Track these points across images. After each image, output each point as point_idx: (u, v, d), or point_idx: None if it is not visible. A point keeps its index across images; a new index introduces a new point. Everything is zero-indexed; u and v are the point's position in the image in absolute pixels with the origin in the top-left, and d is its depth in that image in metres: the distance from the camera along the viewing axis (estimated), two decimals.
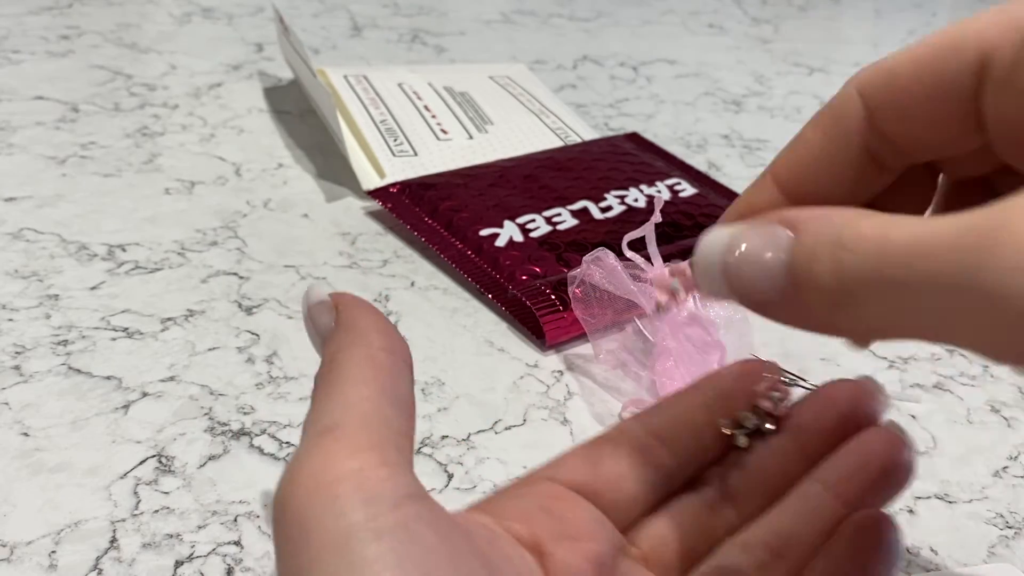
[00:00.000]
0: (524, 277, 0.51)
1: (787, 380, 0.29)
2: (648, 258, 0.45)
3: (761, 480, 0.28)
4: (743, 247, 0.21)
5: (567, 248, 0.53)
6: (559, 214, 0.56)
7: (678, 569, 0.27)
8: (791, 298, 0.21)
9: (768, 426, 0.28)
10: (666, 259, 0.45)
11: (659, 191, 0.60)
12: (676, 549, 0.27)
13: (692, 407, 0.29)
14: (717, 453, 0.29)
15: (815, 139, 0.24)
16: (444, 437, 0.41)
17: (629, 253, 0.45)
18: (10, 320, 0.46)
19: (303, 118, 0.71)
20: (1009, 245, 0.16)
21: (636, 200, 0.58)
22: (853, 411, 0.28)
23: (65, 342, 0.45)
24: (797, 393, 0.30)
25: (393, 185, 0.59)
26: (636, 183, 0.60)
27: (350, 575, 0.19)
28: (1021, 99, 0.21)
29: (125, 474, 0.38)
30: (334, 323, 0.26)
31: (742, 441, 0.28)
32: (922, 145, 0.23)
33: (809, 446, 0.28)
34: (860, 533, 0.26)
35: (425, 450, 0.40)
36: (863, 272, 0.19)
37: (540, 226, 0.55)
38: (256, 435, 0.40)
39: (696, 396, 0.29)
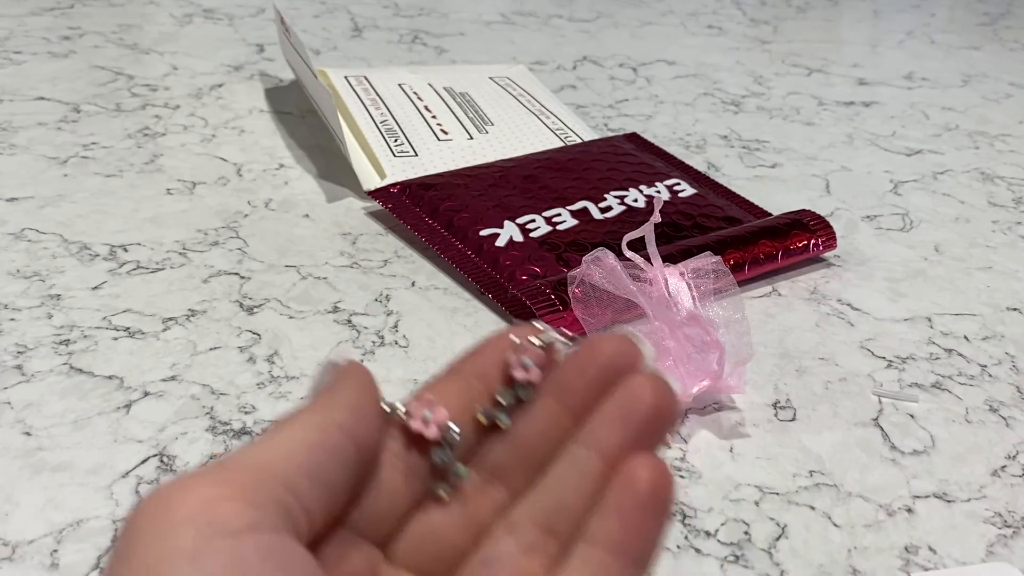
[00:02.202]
0: (524, 277, 0.51)
1: (542, 343, 0.27)
2: (648, 258, 0.45)
3: (526, 451, 0.27)
4: None
5: (567, 248, 0.53)
6: (559, 214, 0.56)
7: (443, 566, 0.26)
8: None
9: (526, 395, 0.27)
10: (665, 259, 0.45)
11: (658, 191, 0.60)
12: (440, 545, 0.26)
13: (450, 397, 0.27)
14: (485, 434, 0.28)
15: None
16: None
17: (629, 253, 0.45)
18: (12, 320, 0.47)
19: (304, 119, 0.71)
20: None
21: (636, 200, 0.59)
22: (613, 363, 0.27)
23: (67, 342, 0.45)
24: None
25: (394, 185, 0.59)
26: (636, 183, 0.61)
27: None
28: None
29: (127, 473, 0.38)
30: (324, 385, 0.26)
31: (505, 421, 0.27)
32: None
33: (574, 405, 0.27)
34: (627, 486, 0.25)
35: None
36: None
37: (540, 226, 0.55)
38: (257, 434, 0.40)
39: (453, 384, 0.28)
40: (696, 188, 0.61)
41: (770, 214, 0.60)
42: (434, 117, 0.68)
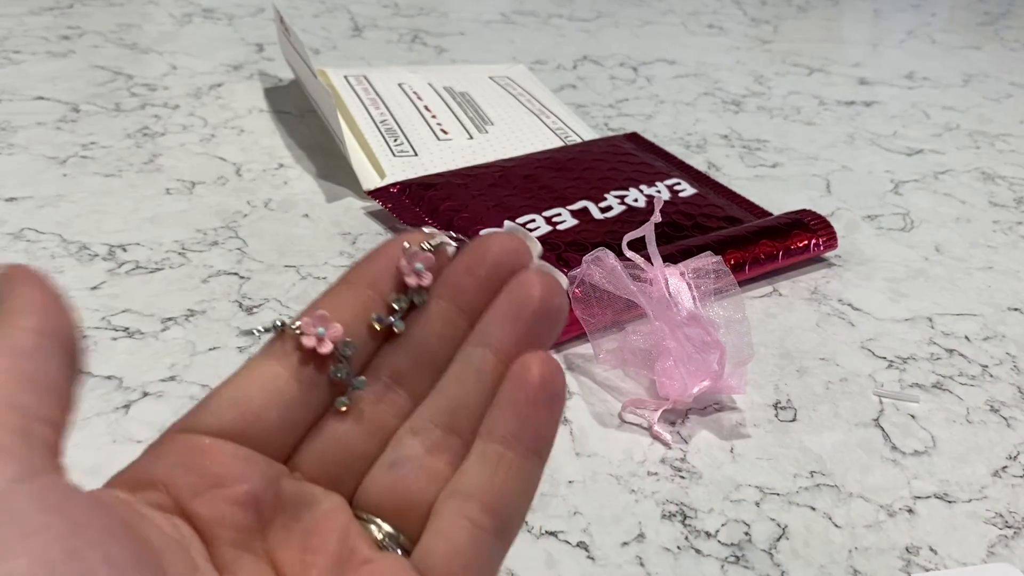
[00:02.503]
0: None
1: (432, 246, 0.28)
2: (648, 258, 0.45)
3: (423, 354, 0.28)
4: None
5: (567, 248, 0.53)
6: (559, 214, 0.56)
7: (350, 474, 0.27)
8: None
9: (419, 299, 0.28)
10: (666, 259, 0.45)
11: (659, 191, 0.60)
12: (345, 454, 0.27)
13: (342, 306, 0.27)
14: (381, 341, 0.28)
15: None
16: None
17: (629, 253, 0.45)
18: None
19: (303, 118, 0.71)
20: None
21: (636, 200, 0.58)
22: (502, 261, 0.27)
23: None
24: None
25: (393, 185, 0.59)
26: (636, 183, 0.60)
27: None
28: None
29: None
30: None
31: (399, 326, 0.27)
32: None
33: (467, 306, 0.28)
34: (519, 381, 0.26)
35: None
36: None
37: (540, 226, 0.55)
38: None
39: (346, 295, 0.28)
40: (696, 188, 0.61)
41: (771, 214, 0.59)
42: (434, 117, 0.68)
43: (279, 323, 0.27)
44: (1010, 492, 0.40)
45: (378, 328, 0.27)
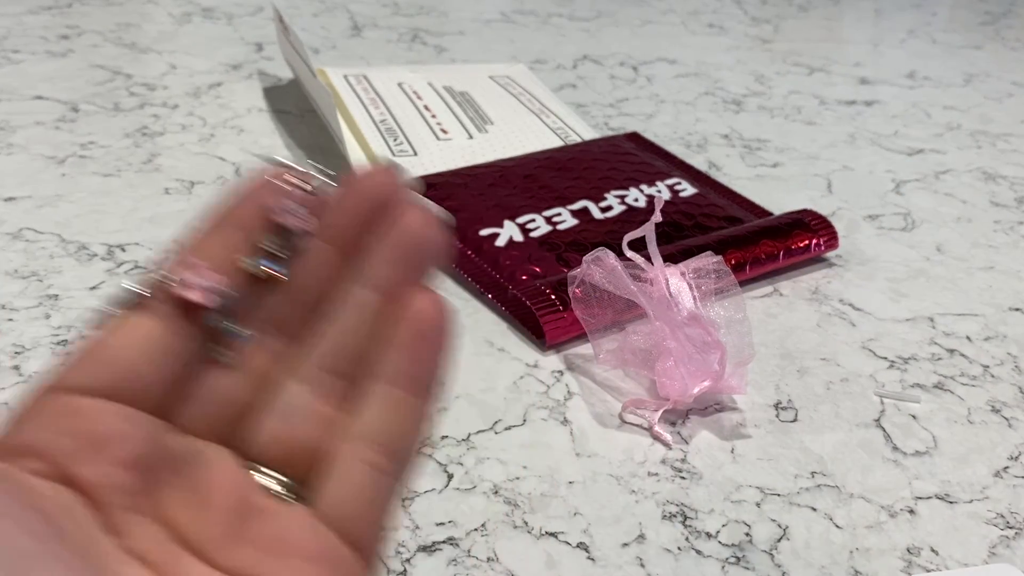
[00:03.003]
0: (524, 277, 0.51)
1: (306, 184, 0.27)
2: (648, 258, 0.45)
3: (301, 296, 0.27)
4: None
5: (567, 248, 0.53)
6: (559, 214, 0.56)
7: (233, 425, 0.26)
8: None
9: (296, 240, 0.26)
10: (666, 259, 0.45)
11: (659, 191, 0.60)
12: (228, 404, 0.26)
13: (214, 252, 0.26)
14: (259, 286, 0.27)
15: None
16: (444, 437, 0.41)
17: (629, 253, 0.45)
18: (10, 320, 0.46)
19: (303, 118, 0.71)
20: None
21: (636, 200, 0.58)
22: (379, 197, 0.27)
23: (65, 342, 0.45)
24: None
25: None
26: (636, 183, 0.60)
27: None
28: None
29: None
30: None
31: (281, 272, 0.26)
32: None
33: (345, 245, 0.27)
34: (404, 319, 0.26)
35: (425, 450, 0.40)
36: None
37: (540, 226, 0.55)
38: None
39: (217, 239, 0.27)
40: (697, 188, 0.61)
41: (771, 214, 0.59)
42: (434, 116, 0.68)
43: (155, 279, 0.25)
44: (1011, 492, 0.40)
45: (259, 274, 0.26)
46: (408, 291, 0.26)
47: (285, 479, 0.26)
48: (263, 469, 0.26)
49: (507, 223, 0.55)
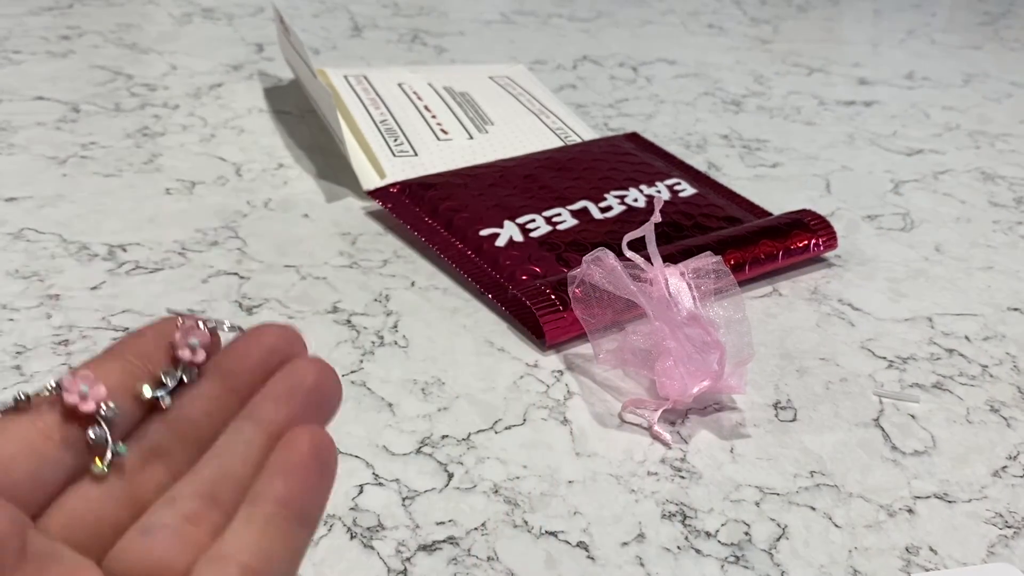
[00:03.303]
0: (524, 277, 0.51)
1: (207, 328, 0.28)
2: (648, 258, 0.45)
3: (189, 430, 0.27)
4: None
5: (567, 248, 0.53)
6: (559, 214, 0.56)
7: (100, 541, 0.25)
8: None
9: (189, 375, 0.27)
10: (666, 259, 0.45)
11: (659, 191, 0.60)
12: (97, 521, 0.25)
13: (110, 374, 0.26)
14: (146, 413, 0.27)
15: None
16: (444, 437, 0.41)
17: (629, 253, 0.45)
18: (11, 320, 0.46)
19: (303, 118, 0.71)
20: None
21: (636, 200, 0.58)
22: (278, 348, 0.27)
23: (66, 342, 0.45)
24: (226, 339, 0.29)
25: (393, 185, 0.59)
26: (636, 183, 0.60)
27: None
28: None
29: None
30: None
31: (166, 400, 0.27)
32: None
33: (238, 386, 0.27)
34: (288, 449, 0.25)
35: (425, 450, 0.41)
36: None
37: (540, 226, 0.55)
38: None
39: (114, 363, 0.27)
40: (696, 188, 0.61)
41: (771, 214, 0.59)
42: (434, 117, 0.68)
43: (27, 395, 0.26)
44: (1010, 492, 0.40)
45: (145, 397, 0.27)
46: (294, 428, 0.26)
47: None
48: None
49: (507, 223, 0.55)
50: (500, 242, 0.53)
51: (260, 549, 0.24)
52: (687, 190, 0.60)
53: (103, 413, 0.26)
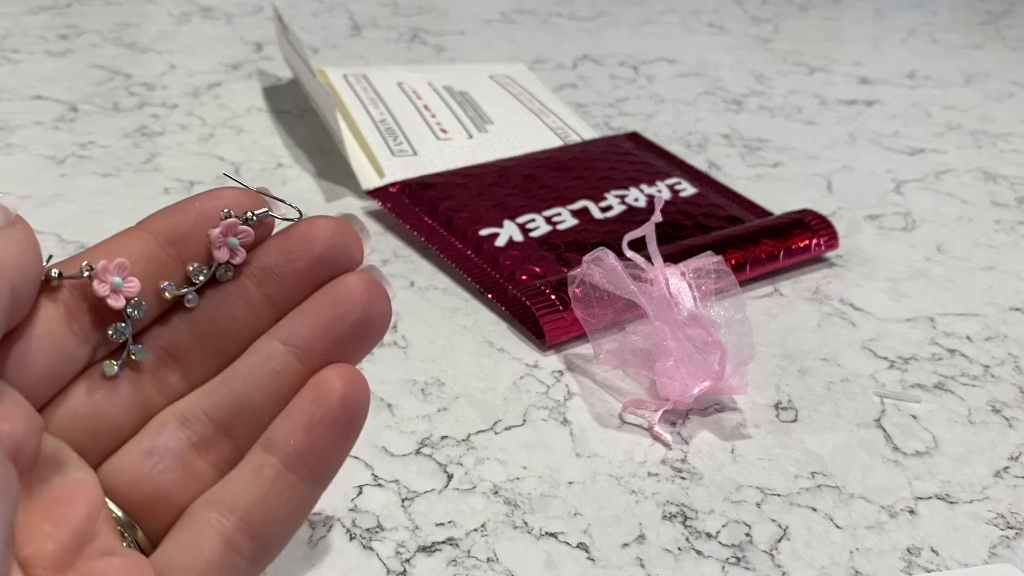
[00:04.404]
0: (524, 277, 0.51)
1: (255, 216, 0.24)
2: (648, 258, 0.45)
3: (213, 336, 0.24)
4: None
5: (567, 248, 0.53)
6: (559, 214, 0.56)
7: (101, 443, 0.23)
8: None
9: (223, 274, 0.24)
10: (666, 259, 0.45)
11: (659, 191, 0.60)
12: (101, 422, 0.23)
13: (137, 260, 0.23)
14: (168, 308, 0.24)
15: None
16: (444, 437, 0.41)
17: (629, 253, 0.45)
18: None
19: (302, 118, 0.71)
20: None
21: (636, 200, 0.58)
22: (328, 254, 0.24)
23: None
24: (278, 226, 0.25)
25: (393, 185, 0.59)
26: (636, 183, 0.60)
27: None
28: None
29: None
30: None
31: (192, 301, 0.24)
32: None
33: (277, 295, 0.24)
34: (317, 395, 0.23)
35: (424, 450, 0.40)
36: None
37: (540, 226, 0.55)
38: None
39: (145, 245, 0.24)
40: (697, 187, 0.61)
41: (772, 213, 0.59)
42: (433, 116, 0.68)
43: (60, 273, 0.23)
44: (1012, 493, 0.40)
45: (169, 298, 0.24)
46: (329, 365, 0.23)
47: (133, 523, 0.23)
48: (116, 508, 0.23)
49: (507, 223, 0.55)
50: (500, 242, 0.53)
51: (264, 504, 0.22)
52: (688, 190, 0.60)
53: (129, 312, 0.23)
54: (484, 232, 0.54)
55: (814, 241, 0.55)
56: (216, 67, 0.79)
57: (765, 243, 0.54)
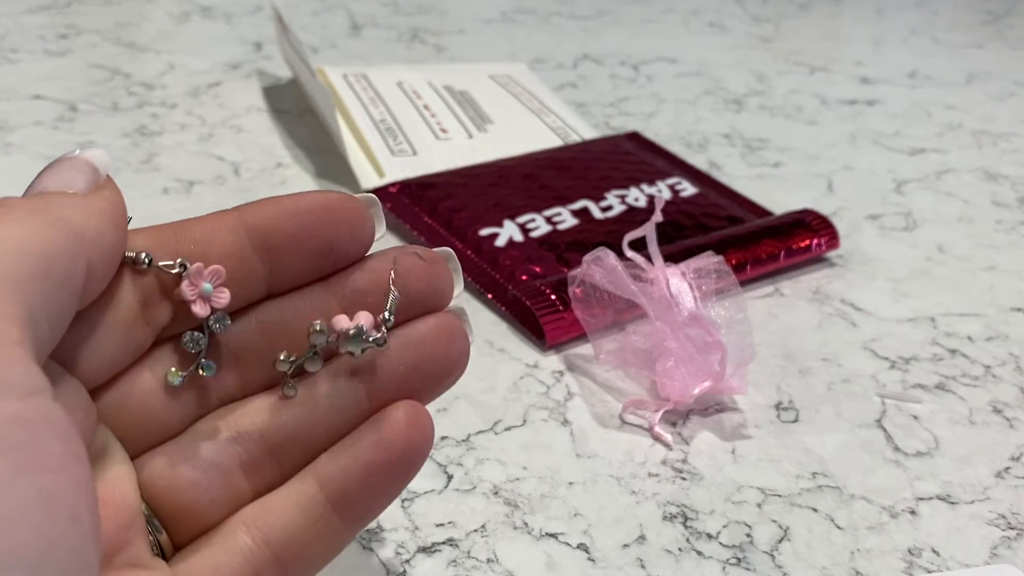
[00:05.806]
0: (524, 277, 0.51)
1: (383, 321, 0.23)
2: (649, 258, 0.44)
3: (281, 341, 0.23)
4: None
5: (567, 248, 0.53)
6: (559, 214, 0.56)
7: (144, 436, 0.22)
8: None
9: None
10: (667, 259, 0.45)
11: (660, 190, 0.59)
12: (148, 416, 0.22)
13: (226, 251, 0.23)
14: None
15: None
16: (444, 438, 0.41)
17: (630, 253, 0.45)
18: None
19: (302, 117, 0.71)
20: None
21: (637, 199, 0.58)
22: (422, 297, 0.23)
23: None
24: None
25: (392, 185, 0.58)
26: (636, 182, 0.60)
27: None
28: None
29: None
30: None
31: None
32: None
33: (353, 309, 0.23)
34: (382, 437, 0.22)
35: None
36: None
37: (540, 226, 0.55)
38: None
39: (232, 237, 0.23)
40: (698, 187, 0.61)
41: (772, 213, 0.59)
42: (433, 116, 0.68)
43: (150, 260, 0.22)
44: (1013, 493, 0.40)
45: (280, 370, 0.23)
46: (399, 402, 0.23)
47: (161, 527, 0.22)
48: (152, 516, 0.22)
49: (507, 223, 0.55)
50: (500, 242, 0.53)
51: (302, 541, 0.22)
52: (688, 189, 0.60)
53: (211, 323, 0.22)
54: (484, 232, 0.54)
55: (815, 241, 0.55)
56: (215, 67, 0.79)
57: (766, 243, 0.54)
